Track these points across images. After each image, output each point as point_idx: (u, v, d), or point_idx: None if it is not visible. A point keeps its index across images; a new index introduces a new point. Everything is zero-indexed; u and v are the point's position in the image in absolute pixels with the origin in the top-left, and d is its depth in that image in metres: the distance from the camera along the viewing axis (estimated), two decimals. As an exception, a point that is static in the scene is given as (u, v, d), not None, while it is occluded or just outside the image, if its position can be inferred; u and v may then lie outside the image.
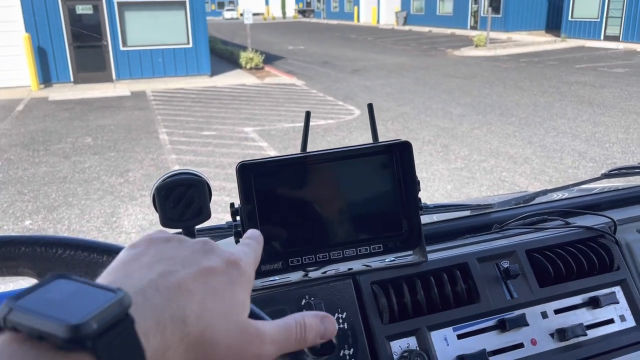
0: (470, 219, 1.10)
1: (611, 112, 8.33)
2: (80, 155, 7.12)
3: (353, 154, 0.83)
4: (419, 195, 0.86)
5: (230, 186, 5.67)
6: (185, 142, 7.60)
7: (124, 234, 4.67)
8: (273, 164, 0.81)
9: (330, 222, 0.84)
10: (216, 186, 5.70)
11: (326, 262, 0.84)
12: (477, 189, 5.32)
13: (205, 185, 0.78)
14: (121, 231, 4.73)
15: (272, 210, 0.81)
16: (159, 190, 0.76)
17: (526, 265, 0.94)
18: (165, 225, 0.77)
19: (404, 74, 13.28)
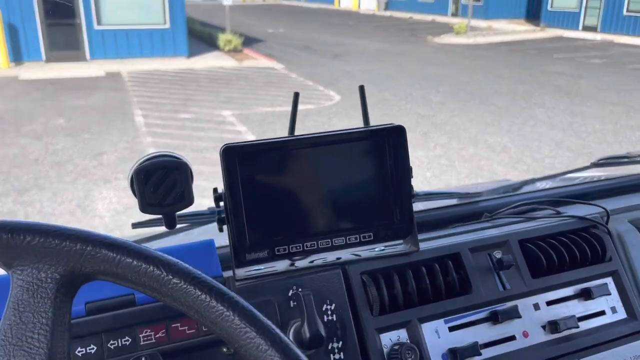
0: (459, 208, 1.08)
1: (588, 103, 8.42)
2: (53, 137, 6.93)
3: (344, 138, 0.79)
4: (411, 182, 0.82)
5: (207, 170, 5.58)
6: (161, 124, 7.45)
7: (98, 217, 4.56)
8: (259, 147, 0.76)
9: (319, 209, 0.80)
10: (193, 170, 5.59)
11: (314, 251, 0.81)
12: (455, 177, 5.33)
13: (188, 168, 0.73)
14: (95, 215, 4.62)
15: (258, 196, 0.77)
16: (138, 173, 0.71)
17: (519, 256, 0.92)
18: (144, 210, 0.73)
19: (385, 60, 13.23)
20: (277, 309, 0.78)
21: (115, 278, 0.47)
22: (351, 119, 7.52)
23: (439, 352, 0.84)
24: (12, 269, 0.46)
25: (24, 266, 0.46)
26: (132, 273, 0.47)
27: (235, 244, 0.77)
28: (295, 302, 0.79)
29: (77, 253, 0.46)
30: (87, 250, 0.46)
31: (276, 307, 0.78)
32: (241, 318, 0.45)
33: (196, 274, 0.47)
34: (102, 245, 0.47)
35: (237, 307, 0.46)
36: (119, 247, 0.47)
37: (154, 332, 0.74)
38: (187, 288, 0.46)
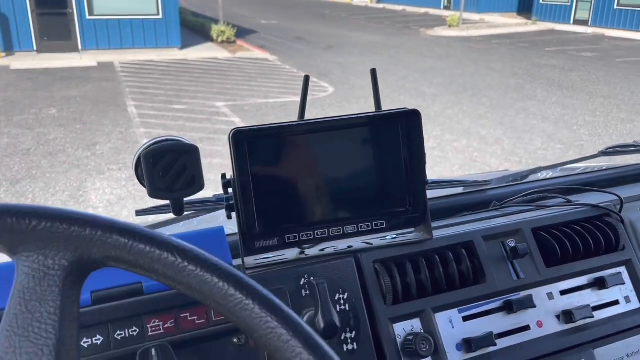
0: (468, 196, 1.08)
1: (579, 96, 8.48)
2: (45, 127, 6.89)
3: (356, 122, 0.77)
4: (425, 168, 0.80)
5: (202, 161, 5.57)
6: (154, 115, 7.42)
7: (92, 208, 4.56)
8: (270, 132, 0.75)
9: (331, 196, 0.78)
10: (187, 161, 5.60)
11: (325, 239, 0.79)
12: (449, 168, 5.37)
13: (198, 151, 0.72)
14: (88, 205, 4.61)
15: (268, 182, 0.76)
16: (147, 157, 0.69)
17: (532, 245, 0.92)
18: (153, 195, 0.70)
19: (378, 52, 13.23)
20: (289, 298, 0.77)
21: (127, 265, 0.44)
22: (345, 110, 7.53)
23: (453, 342, 0.83)
24: (17, 256, 0.43)
25: (30, 252, 0.43)
26: (145, 260, 0.43)
27: (245, 232, 0.76)
28: (308, 291, 0.78)
29: (86, 238, 0.43)
30: (97, 236, 0.43)
31: (288, 296, 0.77)
32: (261, 307, 0.43)
33: (213, 260, 0.45)
34: (113, 230, 0.43)
35: (257, 295, 0.43)
36: (131, 232, 0.44)
37: (162, 322, 0.72)
38: (203, 275, 0.43)
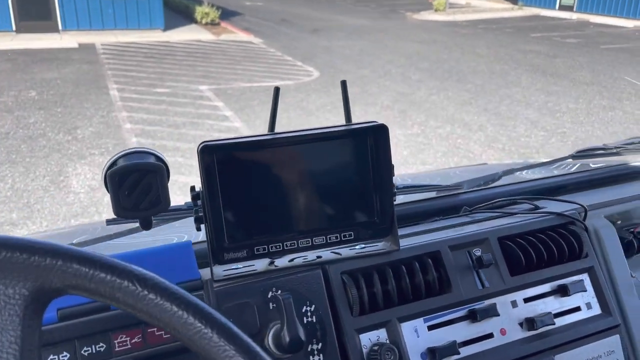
0: (438, 200, 1.08)
1: (563, 82, 8.53)
2: (24, 110, 6.76)
3: (325, 136, 0.77)
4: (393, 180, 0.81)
5: (184, 146, 5.53)
6: (137, 99, 7.32)
7: (72, 194, 4.50)
8: (238, 146, 0.75)
9: (299, 208, 0.79)
10: (169, 146, 5.55)
11: (294, 250, 0.80)
12: (432, 155, 5.38)
13: (165, 170, 0.71)
14: (69, 191, 4.55)
15: (237, 194, 0.76)
16: (112, 176, 0.69)
17: (498, 254, 0.93)
18: (118, 214, 0.70)
19: (364, 36, 13.15)
20: (256, 312, 0.77)
21: (88, 293, 0.45)
22: (330, 96, 7.50)
23: (418, 352, 0.84)
24: None
25: None
26: (106, 288, 0.44)
27: (213, 244, 0.76)
28: (275, 305, 0.79)
29: (46, 268, 0.43)
30: (58, 265, 0.43)
31: (255, 310, 0.78)
32: (220, 335, 0.43)
33: (173, 289, 0.45)
34: (73, 259, 0.44)
35: (216, 324, 0.44)
36: (91, 261, 0.44)
37: (129, 337, 0.72)
38: (163, 304, 0.44)
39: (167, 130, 6.07)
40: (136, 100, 7.27)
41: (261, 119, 6.51)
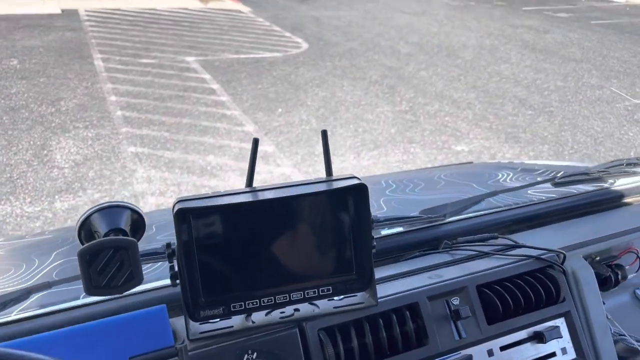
0: (419, 233, 1.08)
1: (552, 59, 8.51)
2: (6, 80, 6.61)
3: (304, 195, 0.76)
4: (372, 234, 0.81)
5: (170, 121, 5.47)
6: (122, 70, 7.19)
7: (57, 169, 4.45)
8: (214, 209, 0.73)
9: (277, 264, 0.78)
10: (155, 120, 5.48)
11: (271, 306, 0.79)
12: (420, 134, 5.38)
13: (136, 246, 0.70)
14: (53, 166, 4.50)
15: (213, 252, 0.74)
16: (82, 255, 0.67)
17: (476, 302, 0.93)
18: (90, 293, 0.69)
19: (354, 6, 12.95)
20: None
21: None
22: (319, 69, 7.42)
23: None
24: None
25: None
26: None
27: (189, 302, 0.75)
28: None
29: None
30: None
31: None
32: None
33: None
34: None
35: None
36: None
37: None
38: None
39: (153, 103, 5.99)
40: (121, 71, 7.14)
41: (248, 92, 6.44)
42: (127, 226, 0.76)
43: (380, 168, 4.64)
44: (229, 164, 4.61)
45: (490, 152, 5.02)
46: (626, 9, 14.12)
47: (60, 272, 1.09)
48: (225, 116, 5.69)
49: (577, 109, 6.27)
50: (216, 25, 10.32)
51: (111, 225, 0.75)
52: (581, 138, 5.44)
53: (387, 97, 6.44)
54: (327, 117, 5.74)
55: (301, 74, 7.25)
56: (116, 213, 0.76)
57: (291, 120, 5.62)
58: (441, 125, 5.63)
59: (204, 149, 4.86)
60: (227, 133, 5.24)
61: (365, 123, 5.60)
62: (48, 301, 0.88)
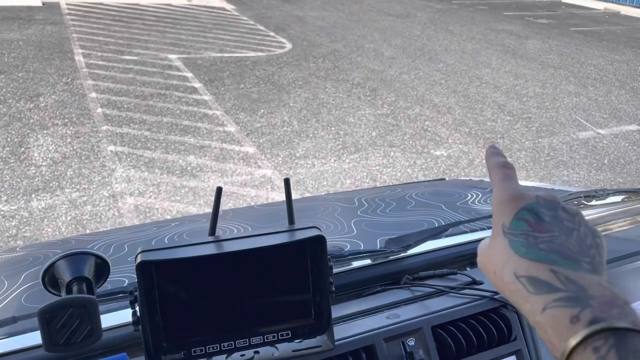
0: (382, 267, 1.11)
1: (532, 65, 8.65)
2: (-16, 74, 6.51)
3: (265, 248, 0.79)
4: (330, 279, 0.84)
5: (151, 119, 5.44)
6: (103, 66, 7.13)
7: (34, 167, 4.41)
8: (178, 263, 0.75)
9: (238, 310, 0.81)
10: (136, 119, 5.45)
11: (232, 351, 0.81)
12: (400, 138, 5.44)
13: (96, 304, 0.72)
14: (31, 164, 4.46)
15: (175, 299, 0.77)
16: (42, 314, 0.69)
17: (431, 344, 0.96)
18: (50, 350, 0.71)
19: (338, 6, 12.99)
20: None
21: None
22: (302, 70, 7.44)
23: None
24: None
25: None
26: None
27: (150, 348, 0.77)
28: None
29: None
30: None
31: None
32: None
33: None
34: None
35: None
36: None
37: None
38: None
39: (134, 101, 5.95)
40: (102, 67, 7.08)
41: (231, 92, 6.44)
42: (91, 274, 0.78)
43: (360, 172, 4.69)
44: (209, 165, 4.61)
45: (468, 157, 5.10)
46: (605, 16, 14.39)
47: (30, 297, 1.10)
48: (207, 116, 5.68)
49: (554, 116, 6.39)
50: (200, 22, 10.27)
51: (75, 273, 0.76)
52: (557, 145, 5.55)
53: (369, 100, 6.49)
54: (309, 119, 5.77)
55: (284, 74, 7.27)
56: (80, 260, 0.77)
57: (273, 122, 5.63)
58: (421, 130, 5.69)
59: (185, 149, 4.85)
60: (208, 133, 5.24)
61: (347, 126, 5.64)
62: (14, 332, 0.89)
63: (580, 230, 0.49)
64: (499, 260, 0.49)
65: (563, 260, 0.46)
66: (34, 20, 9.38)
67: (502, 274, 0.48)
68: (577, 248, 0.47)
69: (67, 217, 3.76)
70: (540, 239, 0.47)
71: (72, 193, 4.06)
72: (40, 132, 5.06)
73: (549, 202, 0.51)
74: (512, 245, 0.48)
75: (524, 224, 0.49)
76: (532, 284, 0.46)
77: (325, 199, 1.82)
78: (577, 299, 0.43)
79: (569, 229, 0.49)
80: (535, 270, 0.46)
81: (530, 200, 0.50)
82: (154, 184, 4.25)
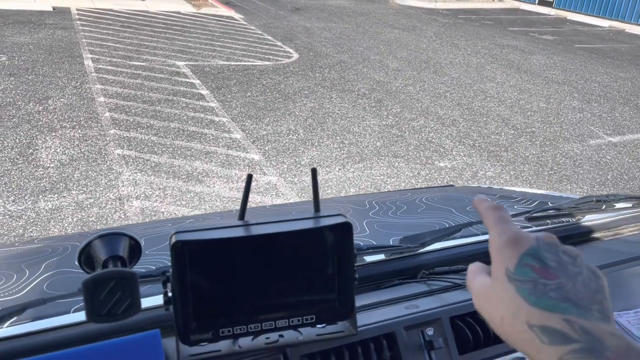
0: (398, 262, 1.14)
1: (536, 80, 8.71)
2: (-6, 76, 6.59)
3: (294, 233, 0.82)
4: (355, 267, 0.86)
5: (158, 124, 5.49)
6: (112, 71, 7.20)
7: (42, 168, 4.46)
8: (211, 243, 0.79)
9: (265, 293, 0.83)
10: (143, 123, 5.50)
11: (258, 333, 0.84)
12: (404, 148, 5.48)
13: (136, 278, 0.75)
14: (38, 165, 4.50)
15: (206, 280, 0.80)
16: (87, 285, 0.73)
17: (449, 334, 0.99)
18: (92, 320, 0.74)
19: (345, 18, 13.10)
20: None
21: None
22: (308, 80, 7.50)
23: None
24: None
25: None
26: None
27: (180, 326, 0.80)
28: None
29: None
30: None
31: None
32: None
33: None
34: None
35: None
36: None
37: None
38: None
39: (142, 106, 6.01)
40: (111, 72, 7.15)
41: (237, 100, 6.50)
42: (125, 253, 0.81)
43: (364, 181, 4.72)
44: (215, 171, 4.65)
45: (472, 170, 5.14)
46: (610, 34, 14.48)
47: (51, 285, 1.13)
48: (214, 122, 5.74)
49: (557, 131, 6.42)
50: (208, 31, 10.37)
51: (110, 252, 0.79)
52: (561, 159, 5.58)
53: (374, 111, 6.54)
54: (315, 127, 5.82)
55: (291, 83, 7.33)
56: (115, 240, 0.80)
57: (279, 130, 5.68)
58: (426, 141, 5.73)
59: (191, 155, 4.90)
60: (214, 139, 5.29)
61: (352, 135, 5.69)
62: (41, 316, 0.92)
63: (584, 274, 0.48)
64: (506, 308, 0.48)
65: (575, 309, 0.45)
66: (44, 25, 9.49)
67: (513, 322, 0.47)
68: (585, 294, 0.47)
69: (74, 219, 3.79)
70: (549, 286, 0.47)
71: (78, 195, 4.10)
72: (49, 134, 5.12)
73: (549, 245, 0.50)
74: (520, 293, 0.47)
75: (529, 270, 0.48)
76: (546, 334, 0.45)
77: (335, 200, 1.85)
78: (593, 350, 0.42)
79: (574, 273, 0.48)
80: (548, 319, 0.45)
81: (531, 244, 0.49)
82: (160, 188, 4.29)
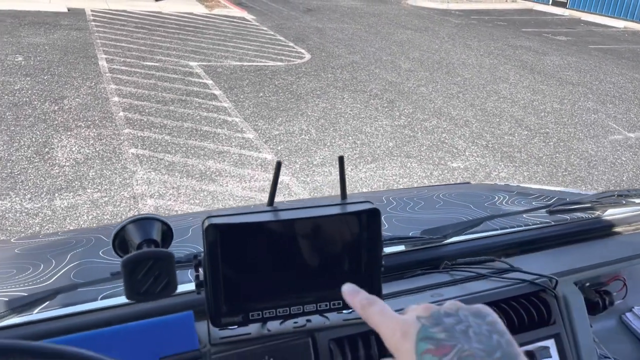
0: (422, 253, 1.14)
1: (550, 81, 8.65)
2: (10, 76, 6.67)
3: (323, 218, 0.83)
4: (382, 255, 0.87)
5: (172, 124, 5.53)
6: (126, 71, 7.26)
7: (57, 167, 4.51)
8: (242, 227, 0.80)
9: (293, 278, 0.84)
10: (157, 123, 5.55)
11: (286, 317, 0.85)
12: (417, 149, 5.47)
13: (173, 258, 0.78)
14: (54, 164, 4.56)
15: (236, 264, 0.81)
16: (127, 265, 0.75)
17: None
18: (131, 298, 0.76)
19: (357, 19, 13.10)
20: None
21: None
22: (320, 80, 7.51)
23: None
24: None
25: None
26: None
27: (212, 309, 0.81)
28: None
29: None
30: None
31: None
32: None
33: None
34: None
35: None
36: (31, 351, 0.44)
37: None
38: None
39: (156, 106, 6.06)
40: (125, 72, 7.21)
41: (250, 100, 6.52)
42: (158, 237, 0.83)
43: (377, 181, 4.72)
44: (228, 170, 4.68)
45: (485, 170, 5.11)
46: (625, 35, 14.34)
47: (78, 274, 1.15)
48: (226, 122, 5.76)
49: (572, 132, 6.38)
50: (220, 31, 10.42)
51: (144, 236, 0.82)
52: (575, 160, 5.54)
53: (387, 111, 6.53)
54: (327, 128, 5.83)
55: (303, 84, 7.35)
56: (149, 224, 0.82)
57: (291, 130, 5.70)
58: (438, 142, 5.72)
59: (204, 154, 4.93)
60: (227, 139, 5.31)
61: (364, 136, 5.69)
62: (70, 303, 0.94)
63: (472, 324, 0.48)
64: None
65: None
66: (59, 26, 9.59)
67: None
68: (482, 346, 0.46)
69: (89, 217, 3.83)
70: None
71: (93, 193, 4.14)
72: (64, 133, 5.17)
73: (431, 318, 0.50)
74: None
75: (429, 356, 0.47)
76: None
77: (352, 196, 1.85)
78: None
79: (463, 331, 0.48)
80: None
81: (416, 327, 0.49)
82: (173, 187, 4.32)
